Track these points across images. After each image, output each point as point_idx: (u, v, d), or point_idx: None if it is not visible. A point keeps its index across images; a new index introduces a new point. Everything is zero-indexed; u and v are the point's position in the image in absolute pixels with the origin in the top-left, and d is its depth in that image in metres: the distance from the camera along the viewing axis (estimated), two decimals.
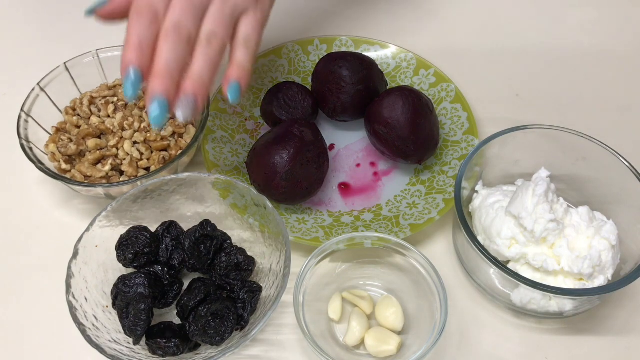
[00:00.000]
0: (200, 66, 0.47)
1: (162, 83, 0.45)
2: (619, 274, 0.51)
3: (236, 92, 0.49)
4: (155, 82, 0.45)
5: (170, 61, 0.45)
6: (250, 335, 0.46)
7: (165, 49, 0.45)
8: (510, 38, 0.77)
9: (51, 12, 0.81)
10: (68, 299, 0.46)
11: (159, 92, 0.45)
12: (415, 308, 0.52)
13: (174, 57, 0.45)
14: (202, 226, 0.52)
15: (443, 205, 0.57)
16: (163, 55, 0.45)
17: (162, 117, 0.45)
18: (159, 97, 0.45)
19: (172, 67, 0.45)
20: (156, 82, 0.45)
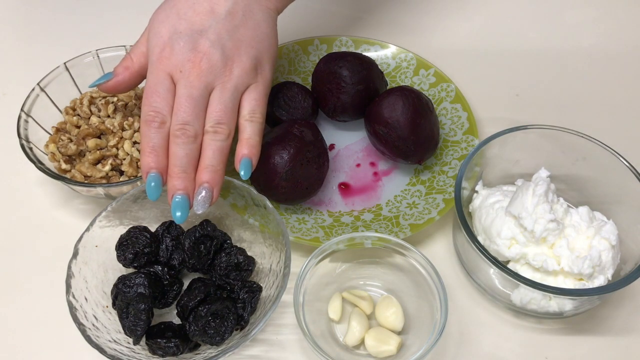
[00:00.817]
0: (209, 156, 0.50)
1: (179, 182, 0.49)
2: (619, 274, 0.51)
3: (248, 168, 0.52)
4: (173, 182, 0.49)
5: (183, 160, 0.49)
6: (250, 335, 0.46)
7: (176, 150, 0.49)
8: (510, 38, 0.77)
9: (51, 12, 0.81)
10: (68, 299, 0.46)
11: (177, 190, 0.49)
12: (415, 308, 0.52)
13: (185, 155, 0.49)
14: (202, 226, 0.52)
15: (443, 205, 0.57)
16: (175, 156, 0.49)
17: (186, 214, 0.49)
18: (178, 196, 0.49)
19: (184, 165, 0.49)
20: (173, 182, 0.49)
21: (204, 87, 0.50)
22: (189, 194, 0.49)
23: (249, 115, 0.52)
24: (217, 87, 0.51)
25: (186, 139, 0.49)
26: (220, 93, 0.51)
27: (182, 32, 0.51)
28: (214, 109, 0.50)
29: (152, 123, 0.49)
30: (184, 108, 0.49)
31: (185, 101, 0.49)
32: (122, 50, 0.65)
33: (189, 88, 0.50)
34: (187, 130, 0.49)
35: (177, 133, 0.49)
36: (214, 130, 0.50)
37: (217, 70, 0.50)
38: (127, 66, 0.54)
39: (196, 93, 0.50)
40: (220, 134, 0.50)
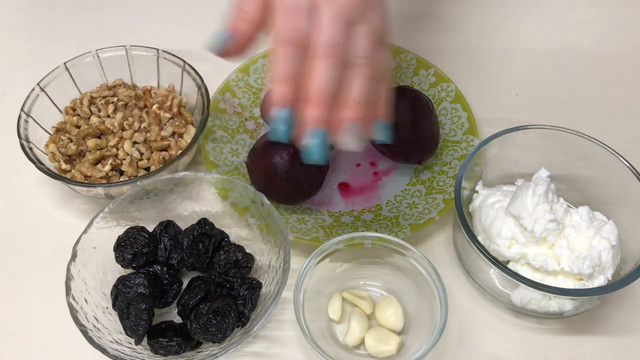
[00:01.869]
0: (358, 90, 0.42)
1: (320, 111, 0.41)
2: (619, 274, 0.51)
3: (386, 130, 0.45)
4: (313, 111, 0.41)
5: (328, 85, 0.41)
6: (252, 331, 0.46)
7: (321, 73, 0.41)
8: (510, 38, 0.77)
9: (51, 12, 0.81)
10: (68, 300, 0.46)
11: (318, 121, 0.41)
12: (415, 308, 0.52)
13: (331, 80, 0.41)
14: (200, 225, 0.52)
15: (443, 205, 0.57)
16: (319, 78, 0.41)
17: (324, 149, 0.41)
18: (319, 128, 0.41)
19: (329, 91, 0.41)
20: (314, 110, 0.41)
21: (354, 15, 0.42)
22: (330, 128, 0.41)
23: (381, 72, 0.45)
24: (362, 24, 0.42)
25: (336, 60, 0.40)
26: (366, 32, 0.42)
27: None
28: (364, 43, 0.42)
29: (291, 44, 0.40)
30: (334, 27, 0.40)
31: (336, 22, 0.41)
32: (122, 50, 0.65)
33: (339, 11, 0.41)
34: (337, 51, 0.40)
35: (326, 52, 0.40)
36: (364, 63, 0.42)
37: (364, 9, 0.42)
38: (245, 18, 0.43)
39: (344, 19, 0.41)
40: (371, 69, 0.42)
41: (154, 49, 0.65)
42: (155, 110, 0.62)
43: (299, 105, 0.41)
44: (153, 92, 0.65)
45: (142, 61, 0.65)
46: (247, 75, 0.68)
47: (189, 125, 0.62)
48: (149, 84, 0.66)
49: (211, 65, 0.71)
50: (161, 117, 0.62)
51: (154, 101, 0.63)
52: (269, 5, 0.42)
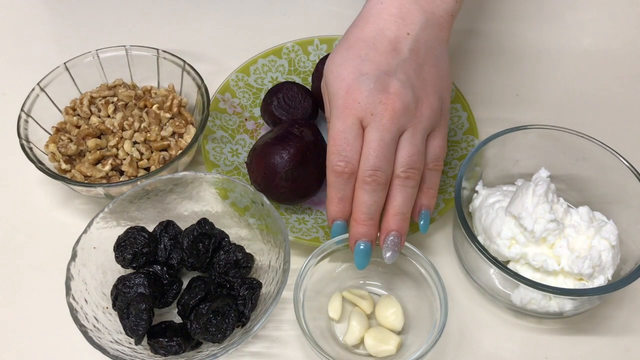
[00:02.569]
0: (399, 203, 0.48)
1: (365, 229, 0.48)
2: (619, 274, 0.51)
3: (428, 220, 0.51)
4: (358, 228, 0.48)
5: (371, 208, 0.47)
6: (252, 331, 0.46)
7: (364, 197, 0.47)
8: (510, 38, 0.77)
9: (51, 12, 0.81)
10: (68, 300, 0.46)
11: (362, 237, 0.48)
12: (415, 308, 0.52)
13: (374, 203, 0.47)
14: (200, 225, 0.52)
15: (443, 205, 0.57)
16: (363, 202, 0.47)
17: (367, 260, 0.48)
18: (363, 243, 0.48)
19: (372, 212, 0.48)
20: (359, 228, 0.48)
21: (397, 130, 0.47)
22: (373, 241, 0.48)
23: (433, 164, 0.50)
24: (408, 129, 0.48)
25: (376, 185, 0.47)
26: (412, 136, 0.48)
27: (368, 74, 0.47)
28: (407, 153, 0.48)
29: (342, 174, 0.47)
30: (375, 153, 0.46)
31: (377, 146, 0.46)
32: (122, 50, 0.65)
33: (382, 131, 0.47)
34: (377, 177, 0.47)
35: (367, 179, 0.47)
36: (406, 175, 0.48)
37: (409, 112, 0.47)
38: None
39: (388, 137, 0.47)
40: (412, 180, 0.48)
41: (154, 49, 0.65)
42: (155, 110, 0.62)
43: (350, 220, 0.49)
44: (153, 92, 0.65)
45: (142, 61, 0.65)
46: (247, 75, 0.68)
47: (189, 125, 0.62)
48: (149, 84, 0.66)
49: (211, 65, 0.72)
50: (161, 117, 0.62)
51: (154, 101, 0.63)
52: None
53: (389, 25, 0.49)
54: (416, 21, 0.49)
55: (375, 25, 0.49)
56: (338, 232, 0.49)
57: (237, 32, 0.78)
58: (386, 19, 0.49)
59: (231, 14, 0.80)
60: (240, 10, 0.80)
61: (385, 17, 0.49)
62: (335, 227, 0.49)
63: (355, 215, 0.48)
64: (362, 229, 0.48)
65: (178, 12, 0.80)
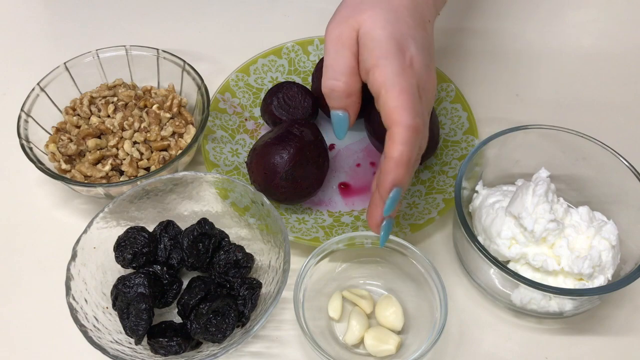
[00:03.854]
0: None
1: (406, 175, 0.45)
2: (619, 274, 0.51)
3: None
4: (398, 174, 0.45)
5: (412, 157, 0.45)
6: (252, 331, 0.46)
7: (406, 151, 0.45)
8: (510, 38, 0.77)
9: (51, 12, 0.81)
10: (68, 300, 0.46)
11: (400, 184, 0.45)
12: (415, 308, 0.52)
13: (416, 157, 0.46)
14: (200, 225, 0.52)
15: (443, 205, 0.57)
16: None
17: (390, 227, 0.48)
18: (396, 190, 0.45)
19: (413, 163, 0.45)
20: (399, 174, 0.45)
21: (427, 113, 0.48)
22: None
23: None
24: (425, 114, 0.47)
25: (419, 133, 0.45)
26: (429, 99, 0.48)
27: (418, 44, 0.47)
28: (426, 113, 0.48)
29: (419, 133, 0.45)
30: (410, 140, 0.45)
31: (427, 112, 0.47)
32: (122, 50, 0.65)
33: (427, 111, 0.47)
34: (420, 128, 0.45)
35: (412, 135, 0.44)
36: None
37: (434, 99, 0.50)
38: (347, 92, 0.48)
39: (427, 119, 0.47)
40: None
41: (154, 49, 0.65)
42: (155, 110, 0.62)
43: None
44: (153, 92, 0.65)
45: (142, 61, 0.65)
46: (247, 75, 0.68)
47: (189, 125, 0.62)
48: (149, 84, 0.66)
49: (211, 65, 0.72)
50: (161, 117, 0.62)
51: (154, 101, 0.63)
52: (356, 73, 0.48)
53: (419, 2, 0.50)
54: (431, 12, 0.51)
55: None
56: (395, 199, 0.46)
57: (237, 32, 0.78)
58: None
59: (231, 14, 0.80)
60: (240, 10, 0.80)
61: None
62: (395, 194, 0.45)
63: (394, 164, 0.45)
64: (403, 173, 0.45)
65: (178, 12, 0.80)
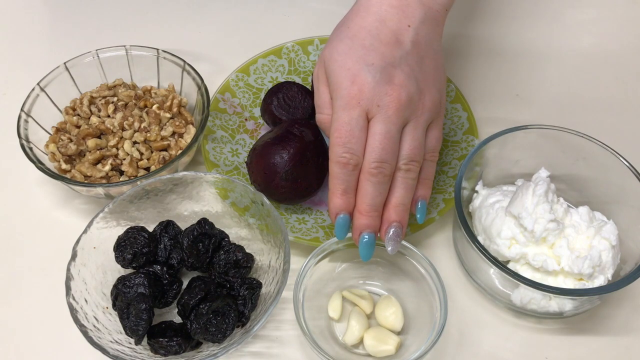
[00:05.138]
0: (401, 195, 0.49)
1: (369, 220, 0.48)
2: (619, 274, 0.51)
3: (424, 210, 0.51)
4: (362, 220, 0.48)
5: (376, 199, 0.47)
6: (252, 331, 0.46)
7: (369, 189, 0.47)
8: (510, 38, 0.77)
9: (51, 12, 0.81)
10: (68, 300, 0.46)
11: (367, 229, 0.48)
12: (415, 308, 0.52)
13: (378, 194, 0.47)
14: (200, 225, 0.52)
15: (443, 205, 0.57)
16: (368, 194, 0.47)
17: (372, 251, 0.49)
18: (367, 235, 0.48)
19: (376, 204, 0.48)
20: (363, 219, 0.48)
21: (401, 122, 0.48)
22: (376, 232, 0.48)
23: (429, 155, 0.51)
24: (411, 121, 0.48)
25: (382, 177, 0.47)
26: (414, 129, 0.48)
27: (374, 64, 0.47)
28: (409, 146, 0.48)
29: (347, 165, 0.47)
30: (382, 145, 0.47)
31: (384, 138, 0.47)
32: (122, 50, 0.65)
33: (388, 124, 0.47)
34: (383, 169, 0.47)
35: (373, 171, 0.47)
36: (407, 168, 0.48)
37: (413, 104, 0.48)
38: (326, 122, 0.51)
39: (394, 129, 0.47)
40: (412, 172, 0.49)
41: (154, 49, 0.65)
42: (155, 110, 0.62)
43: (353, 212, 0.49)
44: (153, 92, 0.65)
45: (142, 61, 0.65)
46: (247, 75, 0.68)
47: (189, 125, 0.62)
48: (149, 84, 0.66)
49: (211, 65, 0.72)
50: (161, 117, 0.62)
51: (154, 101, 0.63)
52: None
53: (390, 16, 0.49)
54: (416, 14, 0.50)
55: (376, 16, 0.49)
56: (343, 225, 0.48)
57: (237, 32, 0.78)
58: (387, 10, 0.49)
59: (231, 14, 0.80)
60: (240, 10, 0.80)
61: (386, 7, 0.49)
62: (339, 221, 0.48)
63: (360, 207, 0.48)
64: (366, 220, 0.48)
65: (178, 12, 0.80)
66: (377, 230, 0.48)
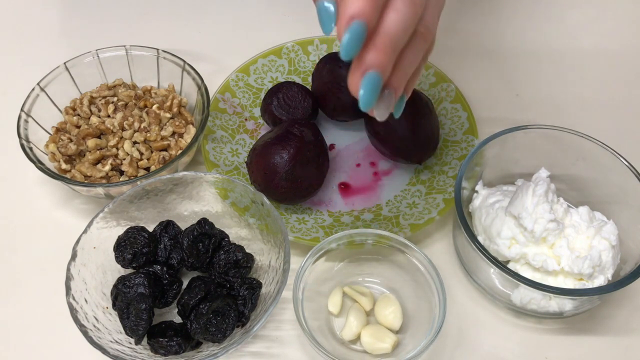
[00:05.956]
0: (411, 60, 0.40)
1: (383, 58, 0.37)
2: (619, 274, 0.51)
3: (401, 105, 0.43)
4: (375, 55, 0.37)
5: (399, 34, 0.37)
6: (252, 331, 0.46)
7: (395, 18, 0.37)
8: (510, 38, 0.77)
9: (51, 12, 0.81)
10: (68, 300, 0.46)
11: (376, 67, 0.37)
12: (415, 307, 0.52)
13: (403, 31, 0.38)
14: (200, 225, 0.52)
15: (443, 205, 0.57)
16: (392, 24, 0.37)
17: (374, 97, 0.38)
18: (374, 74, 0.37)
19: (398, 41, 0.38)
20: (376, 55, 0.37)
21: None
22: (384, 79, 0.38)
23: (424, 30, 0.41)
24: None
25: (413, 10, 0.38)
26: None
27: None
28: (430, 12, 0.40)
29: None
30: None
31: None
32: (122, 50, 0.65)
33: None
34: (417, 9, 0.38)
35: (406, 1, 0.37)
36: (427, 37, 0.40)
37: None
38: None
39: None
40: (427, 42, 0.40)
41: (154, 49, 0.65)
42: (155, 110, 0.62)
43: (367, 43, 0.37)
44: (153, 92, 0.65)
45: (142, 61, 0.65)
46: (247, 75, 0.68)
47: (189, 125, 0.62)
48: (149, 84, 0.66)
49: (211, 65, 0.72)
50: (161, 117, 0.62)
51: (154, 101, 0.63)
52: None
53: None
54: None
55: None
56: (356, 36, 0.36)
57: (237, 32, 0.78)
58: None
59: (231, 14, 0.80)
60: (240, 10, 0.80)
61: None
62: (353, 29, 0.36)
63: (378, 39, 0.37)
64: (379, 56, 0.37)
65: (178, 12, 0.80)
66: (385, 75, 0.38)
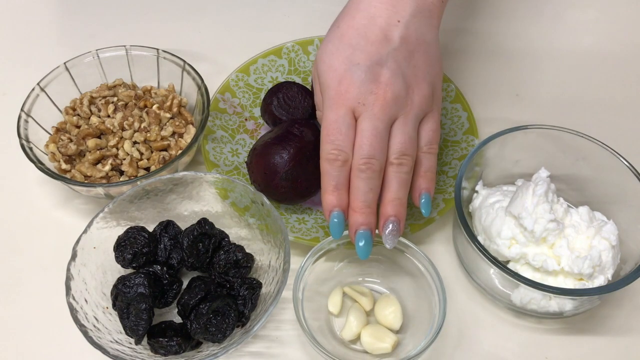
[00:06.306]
0: (395, 189, 0.49)
1: (364, 217, 0.48)
2: (619, 274, 0.51)
3: (429, 203, 0.51)
4: (357, 217, 0.48)
5: (367, 195, 0.48)
6: (252, 331, 0.46)
7: (360, 185, 0.48)
8: (510, 38, 0.77)
9: (51, 12, 0.81)
10: (68, 300, 0.46)
11: (362, 226, 0.48)
12: (415, 307, 0.52)
13: (369, 190, 0.48)
14: (200, 225, 0.52)
15: (443, 205, 0.57)
16: (359, 190, 0.48)
17: (369, 248, 0.48)
18: (363, 231, 0.48)
19: (369, 200, 0.48)
20: (357, 216, 0.48)
21: (388, 118, 0.48)
22: (372, 229, 0.48)
23: (427, 147, 0.51)
24: (400, 117, 0.49)
25: (371, 173, 0.47)
26: (404, 124, 0.49)
27: (359, 64, 0.48)
28: (398, 141, 0.49)
29: (335, 162, 0.48)
30: (369, 142, 0.47)
31: (370, 135, 0.47)
32: (122, 50, 0.65)
33: (374, 121, 0.48)
34: (372, 165, 0.47)
35: (362, 167, 0.47)
36: (399, 162, 0.49)
37: (400, 101, 0.48)
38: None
39: (381, 126, 0.48)
40: (405, 166, 0.49)
41: (154, 49, 0.65)
42: (155, 110, 0.62)
43: (347, 210, 0.49)
44: (153, 92, 0.65)
45: (142, 61, 0.65)
46: (247, 75, 0.68)
47: (189, 125, 0.62)
48: (149, 84, 0.66)
49: (211, 65, 0.72)
50: (161, 117, 0.62)
51: (154, 101, 0.63)
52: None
53: (379, 12, 0.49)
54: (407, 8, 0.50)
55: (366, 13, 0.50)
56: (337, 223, 0.48)
57: (237, 32, 0.78)
58: (377, 7, 0.50)
59: (231, 14, 0.80)
60: (240, 10, 0.80)
61: (376, 4, 0.50)
62: (333, 219, 0.48)
63: (353, 204, 0.48)
64: (360, 217, 0.48)
65: (178, 12, 0.80)
66: (373, 227, 0.49)
